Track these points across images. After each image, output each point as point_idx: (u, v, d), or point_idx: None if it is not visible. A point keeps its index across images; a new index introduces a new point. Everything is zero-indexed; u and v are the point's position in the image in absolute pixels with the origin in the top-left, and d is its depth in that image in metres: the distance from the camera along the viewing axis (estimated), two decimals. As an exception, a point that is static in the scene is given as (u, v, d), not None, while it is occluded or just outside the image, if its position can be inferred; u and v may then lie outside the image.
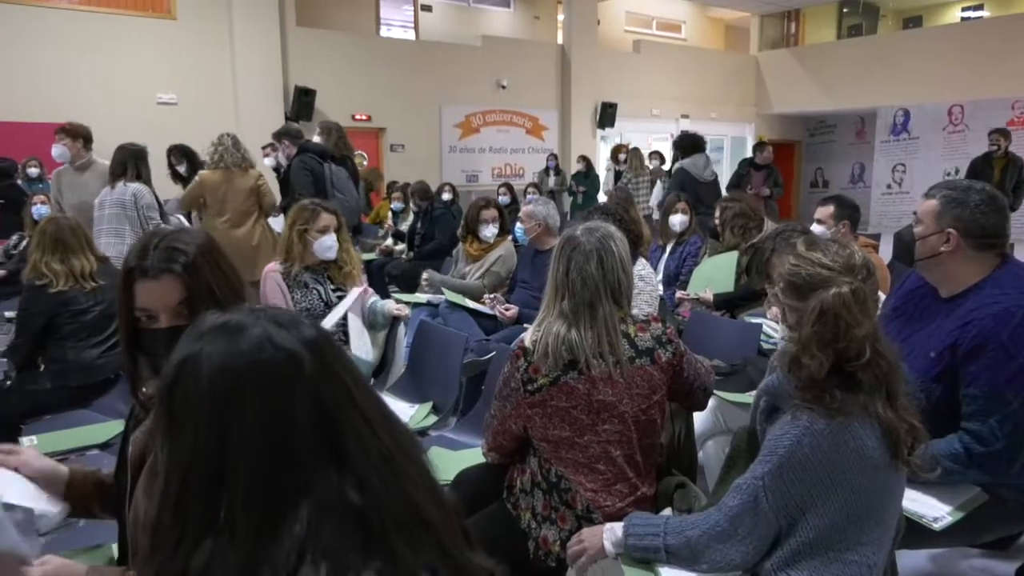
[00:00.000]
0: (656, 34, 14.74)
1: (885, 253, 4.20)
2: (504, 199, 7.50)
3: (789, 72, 13.88)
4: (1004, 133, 7.22)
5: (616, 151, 9.68)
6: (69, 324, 2.96)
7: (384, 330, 3.29)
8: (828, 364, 1.38)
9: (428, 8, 12.01)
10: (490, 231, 4.34)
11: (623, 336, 1.78)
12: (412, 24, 11.71)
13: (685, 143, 6.77)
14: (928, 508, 1.79)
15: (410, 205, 7.12)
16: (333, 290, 3.15)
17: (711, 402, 2.24)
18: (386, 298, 3.59)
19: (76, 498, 1.32)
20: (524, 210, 4.11)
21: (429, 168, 10.20)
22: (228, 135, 4.78)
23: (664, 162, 9.32)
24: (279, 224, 4.90)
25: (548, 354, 1.74)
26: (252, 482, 0.76)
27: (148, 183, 4.33)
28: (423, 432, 2.65)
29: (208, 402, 0.77)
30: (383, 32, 11.36)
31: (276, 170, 5.68)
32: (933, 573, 2.46)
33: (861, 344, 1.38)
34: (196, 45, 8.80)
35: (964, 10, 14.04)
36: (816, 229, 3.30)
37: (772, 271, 2.62)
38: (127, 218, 4.20)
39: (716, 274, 3.90)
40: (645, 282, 3.09)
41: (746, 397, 2.40)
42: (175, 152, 5.41)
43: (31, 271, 3.00)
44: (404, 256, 6.63)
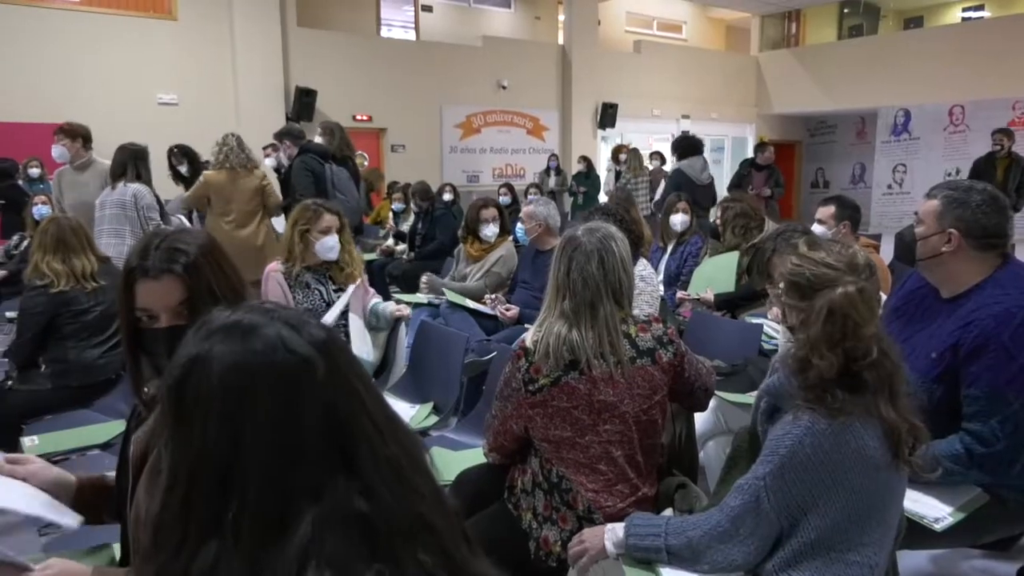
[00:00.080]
0: (657, 34, 14.73)
1: (886, 253, 4.21)
2: (505, 199, 7.49)
3: (790, 72, 13.87)
4: (1008, 133, 7.20)
5: (617, 151, 9.68)
6: (70, 324, 2.97)
7: (385, 331, 3.29)
8: (838, 364, 1.38)
9: (429, 8, 12.01)
10: (490, 231, 4.34)
11: (624, 336, 1.78)
12: (413, 24, 11.71)
13: (683, 145, 6.81)
14: (929, 509, 1.79)
15: (411, 205, 7.12)
16: (335, 290, 3.15)
17: (712, 402, 2.24)
18: (387, 298, 3.59)
19: (86, 506, 1.32)
20: (525, 210, 4.10)
21: (430, 168, 10.20)
22: (232, 135, 4.78)
23: (665, 162, 9.31)
24: (280, 224, 4.91)
25: (549, 354, 1.74)
26: (262, 484, 0.75)
27: (149, 183, 4.32)
28: (424, 432, 2.65)
29: (219, 400, 0.76)
30: (384, 32, 11.36)
31: (277, 170, 5.68)
32: (934, 574, 2.46)
33: (869, 343, 1.38)
34: (197, 45, 8.81)
35: (965, 10, 14.03)
36: (817, 229, 3.30)
37: (773, 271, 2.62)
38: (127, 218, 4.19)
39: (717, 274, 3.90)
40: (646, 282, 3.09)
41: (747, 397, 2.40)
42: (176, 152, 5.40)
43: (32, 271, 3.00)
44: (405, 256, 6.64)
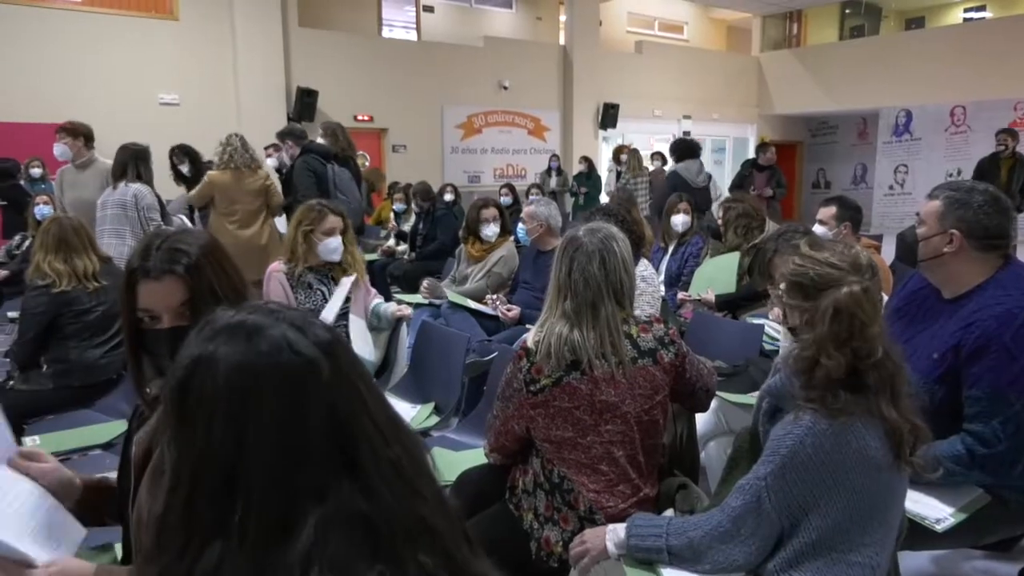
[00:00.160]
0: (658, 35, 14.73)
1: (887, 254, 4.21)
2: (506, 200, 7.50)
3: (791, 73, 13.87)
4: (1012, 134, 7.20)
5: (618, 152, 9.67)
6: (72, 324, 2.97)
7: (387, 331, 3.29)
8: (846, 364, 1.38)
9: (430, 9, 12.01)
10: (491, 230, 4.34)
11: (625, 337, 1.78)
12: (414, 25, 11.72)
13: (680, 148, 6.88)
14: (930, 509, 1.79)
15: (412, 206, 7.13)
16: (337, 291, 3.15)
17: (713, 403, 2.24)
18: (389, 299, 3.59)
19: (89, 509, 1.31)
20: (526, 211, 4.10)
21: (431, 169, 10.20)
22: (236, 135, 4.78)
23: (666, 163, 9.31)
24: (282, 224, 4.92)
25: (551, 355, 1.74)
26: (266, 485, 0.74)
27: (150, 183, 4.32)
28: (425, 433, 2.65)
29: (225, 401, 0.75)
30: (385, 33, 11.37)
31: (279, 170, 5.69)
32: (936, 575, 2.46)
33: (874, 343, 1.39)
34: (198, 46, 8.82)
35: (966, 11, 14.03)
36: (818, 230, 3.29)
37: (774, 272, 2.62)
38: (128, 219, 4.20)
39: (718, 275, 3.90)
40: (647, 283, 3.09)
41: (748, 398, 2.40)
42: (177, 152, 5.41)
43: (34, 271, 3.01)
44: (406, 257, 6.64)
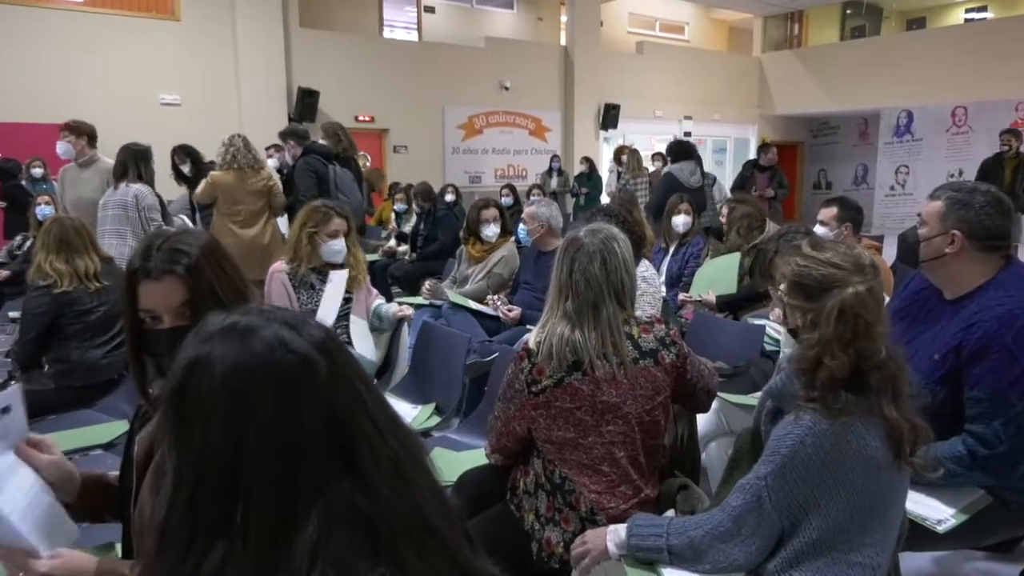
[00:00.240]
0: (659, 35, 14.73)
1: (888, 255, 4.21)
2: (507, 200, 7.50)
3: (792, 73, 13.86)
4: (1015, 134, 7.19)
5: (619, 152, 9.66)
6: (73, 324, 2.97)
7: (388, 332, 3.29)
8: (850, 364, 1.38)
9: (431, 9, 12.01)
10: (491, 230, 4.34)
11: (627, 337, 1.78)
12: (415, 25, 11.72)
13: (675, 150, 6.93)
14: (932, 510, 1.79)
15: (413, 206, 7.13)
16: (339, 292, 3.15)
17: (714, 404, 2.24)
18: (389, 299, 3.59)
19: (87, 504, 1.31)
20: (527, 211, 4.10)
21: (432, 169, 10.20)
22: (239, 136, 4.78)
23: (666, 163, 9.30)
24: (283, 224, 4.92)
25: (552, 355, 1.74)
26: (267, 485, 0.75)
27: (151, 184, 4.32)
28: (426, 433, 2.65)
29: (222, 402, 0.76)
30: (386, 33, 11.37)
31: (280, 171, 5.69)
32: (936, 575, 2.46)
33: (879, 343, 1.39)
34: (199, 46, 8.82)
35: (968, 11, 14.01)
36: (819, 231, 3.29)
37: (775, 272, 2.62)
38: (128, 219, 4.20)
39: (718, 276, 3.90)
40: (648, 283, 3.09)
41: (749, 399, 2.40)
42: (179, 152, 5.41)
43: (36, 271, 3.01)
44: (407, 257, 6.64)
